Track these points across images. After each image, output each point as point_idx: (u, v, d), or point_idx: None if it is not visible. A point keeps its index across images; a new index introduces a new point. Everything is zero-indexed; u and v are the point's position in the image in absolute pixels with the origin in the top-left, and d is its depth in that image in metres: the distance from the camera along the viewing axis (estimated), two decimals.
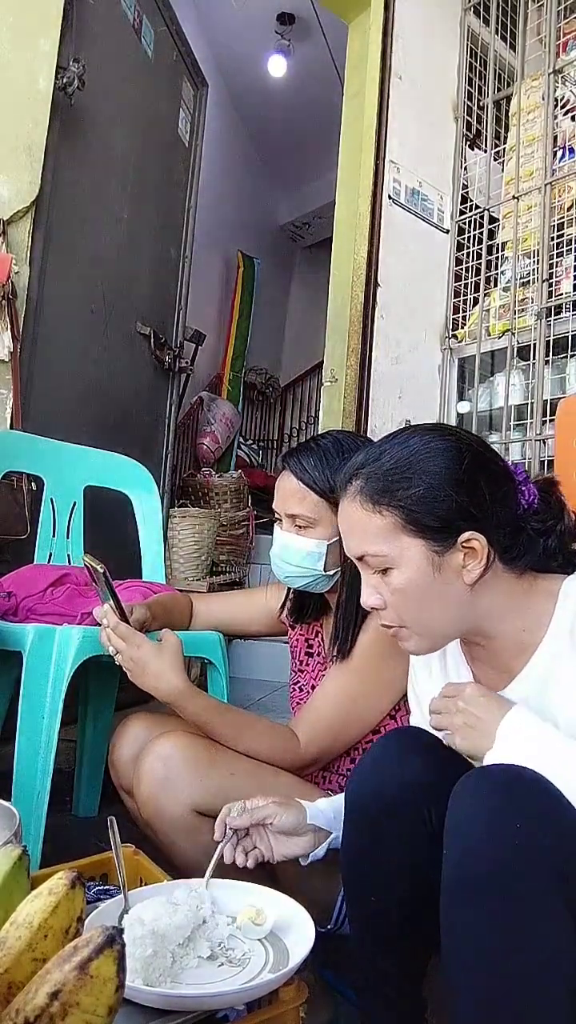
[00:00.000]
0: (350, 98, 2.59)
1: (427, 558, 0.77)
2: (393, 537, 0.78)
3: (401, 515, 0.77)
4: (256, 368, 5.75)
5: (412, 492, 0.77)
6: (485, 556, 0.78)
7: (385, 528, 0.78)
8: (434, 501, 0.77)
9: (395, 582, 0.79)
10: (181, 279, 2.87)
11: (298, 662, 1.28)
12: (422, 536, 0.77)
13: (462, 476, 0.78)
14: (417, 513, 0.77)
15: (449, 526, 0.77)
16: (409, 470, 0.78)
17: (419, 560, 0.77)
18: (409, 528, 0.77)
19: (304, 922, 0.77)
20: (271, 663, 3.02)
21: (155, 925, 0.71)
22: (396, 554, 0.78)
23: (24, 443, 1.63)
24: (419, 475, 0.78)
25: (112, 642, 1.08)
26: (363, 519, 0.80)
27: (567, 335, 2.17)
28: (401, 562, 0.78)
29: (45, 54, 1.78)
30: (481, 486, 0.79)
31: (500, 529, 0.79)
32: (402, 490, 0.78)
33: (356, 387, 2.37)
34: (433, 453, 0.79)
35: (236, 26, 4.46)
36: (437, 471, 0.78)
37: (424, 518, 0.77)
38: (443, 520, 0.77)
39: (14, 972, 0.52)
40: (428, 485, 0.77)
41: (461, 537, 0.77)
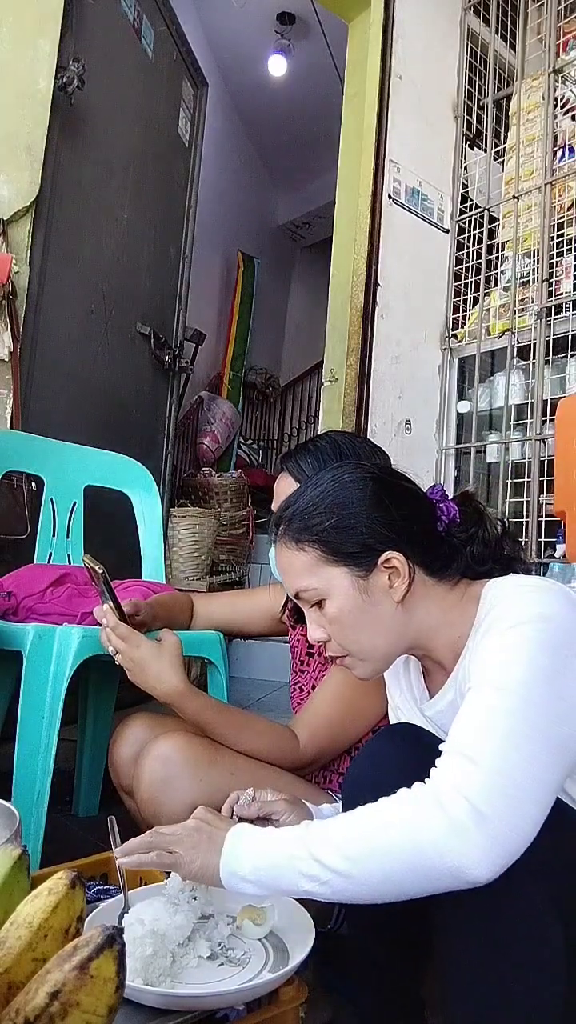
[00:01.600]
0: (350, 98, 2.59)
1: (353, 584, 0.81)
2: (318, 570, 0.82)
3: (321, 548, 0.82)
4: (256, 368, 5.74)
5: (327, 524, 0.82)
6: (407, 572, 0.81)
7: (309, 563, 0.82)
8: (348, 529, 0.81)
9: (329, 612, 0.82)
10: (181, 279, 2.87)
11: (299, 662, 1.28)
12: (344, 564, 0.81)
13: (369, 501, 0.82)
14: (335, 543, 0.81)
15: (367, 549, 0.81)
16: (322, 504, 0.83)
17: (346, 587, 0.81)
18: (331, 558, 0.81)
19: (304, 922, 0.77)
20: (271, 663, 3.02)
21: (155, 925, 0.71)
22: (324, 586, 0.82)
23: (24, 443, 1.63)
24: (330, 508, 0.82)
25: (112, 642, 1.08)
26: (290, 558, 0.84)
27: (567, 335, 2.17)
28: (330, 592, 0.81)
29: (45, 54, 1.78)
30: (390, 507, 0.82)
31: (417, 544, 0.83)
32: (317, 524, 0.82)
33: (356, 387, 2.37)
34: (340, 485, 0.84)
35: (236, 26, 4.46)
36: (346, 501, 0.82)
37: (342, 546, 0.81)
38: (360, 544, 0.81)
39: (14, 972, 0.52)
40: (340, 515, 0.82)
41: (380, 558, 0.81)
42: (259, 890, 0.70)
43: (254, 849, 0.71)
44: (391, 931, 0.83)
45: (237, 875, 0.70)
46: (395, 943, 0.83)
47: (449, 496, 0.89)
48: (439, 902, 0.68)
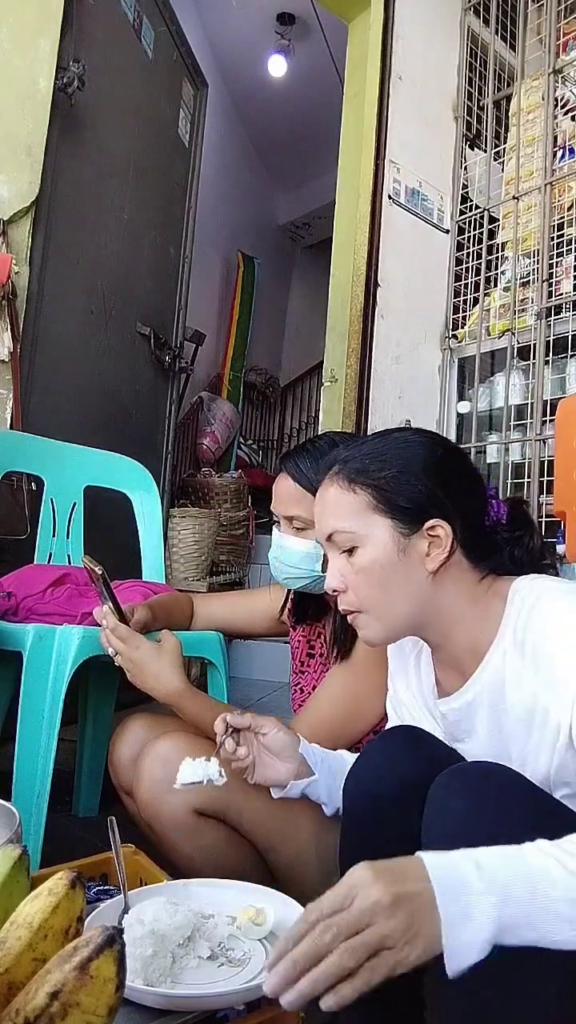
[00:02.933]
0: (350, 98, 2.60)
1: (393, 539, 0.79)
2: (364, 515, 0.80)
3: (374, 494, 0.80)
4: (256, 368, 5.74)
5: (387, 473, 0.80)
6: (448, 546, 0.79)
7: (357, 505, 0.81)
8: (406, 484, 0.80)
9: (360, 561, 0.80)
10: (181, 279, 2.87)
11: (299, 663, 1.28)
12: (391, 516, 0.80)
13: (435, 466, 0.81)
14: (389, 493, 0.80)
15: (418, 510, 0.79)
16: (386, 455, 0.82)
17: (385, 540, 0.80)
18: (380, 507, 0.80)
19: None
20: (271, 663, 3.02)
21: (155, 925, 0.71)
22: (364, 532, 0.80)
23: (24, 443, 1.63)
24: (395, 459, 0.81)
25: (111, 643, 1.08)
26: (337, 497, 0.83)
27: (567, 335, 2.17)
28: (368, 541, 0.80)
29: (45, 54, 1.78)
30: (453, 479, 0.82)
31: (467, 525, 0.82)
32: (377, 471, 0.81)
33: (356, 387, 2.37)
34: (410, 443, 0.83)
35: (236, 26, 4.46)
36: (412, 457, 0.81)
37: (396, 498, 0.80)
38: (413, 503, 0.80)
39: (14, 972, 0.52)
40: (402, 469, 0.81)
41: (427, 524, 0.79)
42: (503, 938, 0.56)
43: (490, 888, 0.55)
44: None
45: (478, 938, 0.55)
46: None
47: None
48: None
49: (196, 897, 0.82)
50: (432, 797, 0.71)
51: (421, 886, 0.56)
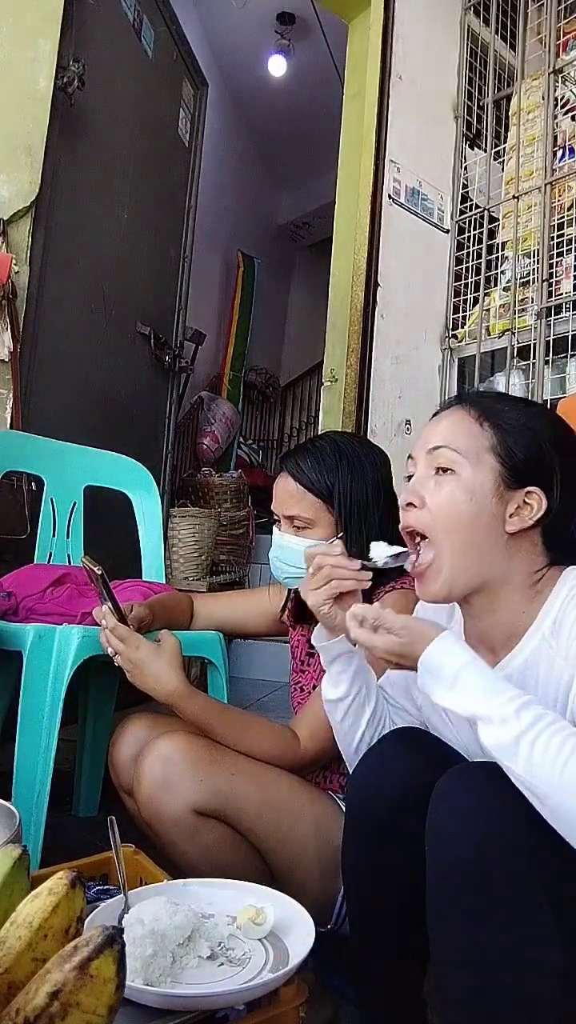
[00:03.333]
0: (350, 98, 2.59)
1: (495, 482, 0.80)
2: (478, 447, 0.81)
3: (497, 436, 0.81)
4: (256, 368, 5.74)
5: (516, 424, 0.82)
6: (536, 517, 0.80)
7: (477, 436, 0.81)
8: (531, 442, 0.81)
9: (451, 485, 0.80)
10: (181, 279, 2.87)
11: (299, 662, 1.28)
12: (502, 463, 0.80)
13: (561, 443, 0.82)
14: (512, 441, 0.80)
15: (529, 471, 0.80)
16: (523, 415, 0.83)
17: (487, 480, 0.80)
18: (497, 450, 0.80)
19: (304, 922, 0.77)
20: (271, 663, 3.02)
21: (155, 925, 0.71)
22: (471, 462, 0.80)
23: (24, 443, 1.63)
24: (527, 418, 0.83)
25: (111, 643, 1.08)
26: (462, 420, 0.83)
27: (567, 335, 2.17)
28: (470, 472, 0.80)
29: (45, 54, 1.78)
30: (569, 462, 0.82)
31: (561, 508, 0.81)
32: (508, 419, 0.82)
33: (356, 387, 2.37)
34: (544, 415, 0.86)
35: (236, 26, 4.46)
36: (543, 426, 0.83)
37: (515, 448, 0.80)
38: (527, 461, 0.80)
39: (14, 972, 0.52)
40: (530, 427, 0.82)
41: (528, 488, 0.80)
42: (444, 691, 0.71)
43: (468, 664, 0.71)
44: (391, 931, 0.83)
45: (442, 669, 0.71)
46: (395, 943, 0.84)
47: None
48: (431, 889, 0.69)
49: (196, 897, 0.82)
50: (436, 797, 0.72)
51: None
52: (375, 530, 1.14)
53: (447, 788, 0.71)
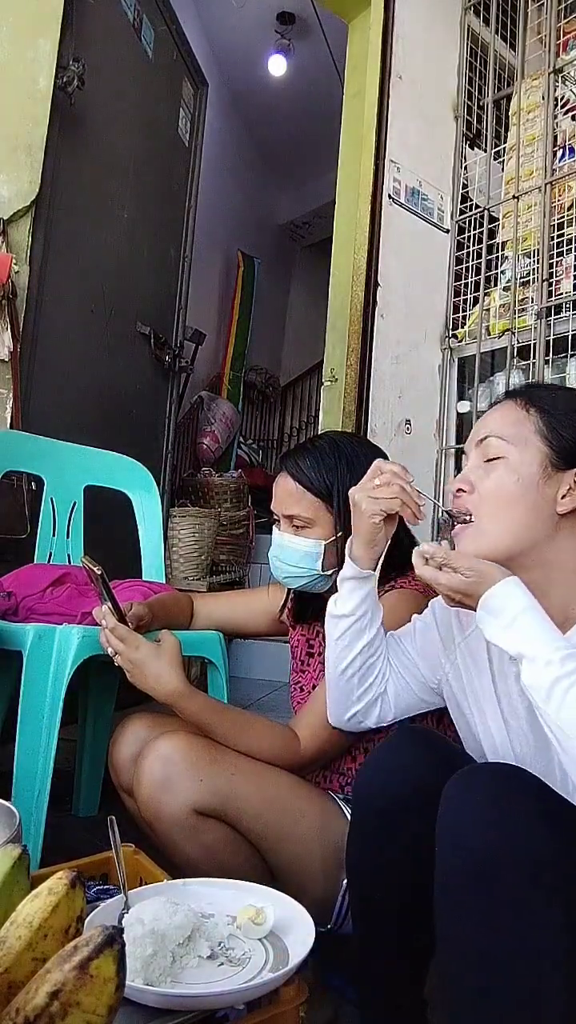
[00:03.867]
0: (350, 98, 2.59)
1: (541, 465, 0.81)
2: (525, 433, 0.83)
3: (544, 420, 0.83)
4: (256, 368, 5.74)
5: (562, 408, 0.83)
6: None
7: (524, 423, 0.83)
8: (574, 423, 0.82)
9: (499, 471, 0.82)
10: (181, 279, 2.87)
11: (299, 662, 1.28)
12: (549, 446, 0.82)
13: None
14: (558, 424, 0.82)
15: (574, 452, 0.81)
16: (564, 396, 0.86)
17: (532, 463, 0.81)
18: (544, 433, 0.82)
19: (304, 922, 0.77)
20: (271, 663, 3.02)
21: (155, 925, 0.71)
22: (517, 446, 0.82)
23: (24, 443, 1.63)
24: (571, 402, 0.84)
25: (111, 643, 1.08)
26: (509, 410, 0.85)
27: (567, 335, 2.17)
28: (519, 456, 0.82)
29: (45, 54, 1.78)
30: None
31: None
32: (554, 404, 0.84)
33: (356, 387, 2.37)
34: None
35: (236, 26, 4.46)
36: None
37: (562, 430, 0.82)
38: (573, 442, 0.82)
39: (14, 972, 0.52)
40: (573, 409, 0.83)
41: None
42: (500, 629, 0.73)
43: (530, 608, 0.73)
44: (393, 929, 0.83)
45: (503, 610, 0.73)
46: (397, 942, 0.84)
47: None
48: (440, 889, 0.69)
49: (196, 897, 0.82)
50: (446, 799, 0.71)
51: None
52: None
53: (457, 790, 0.71)
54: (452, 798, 0.71)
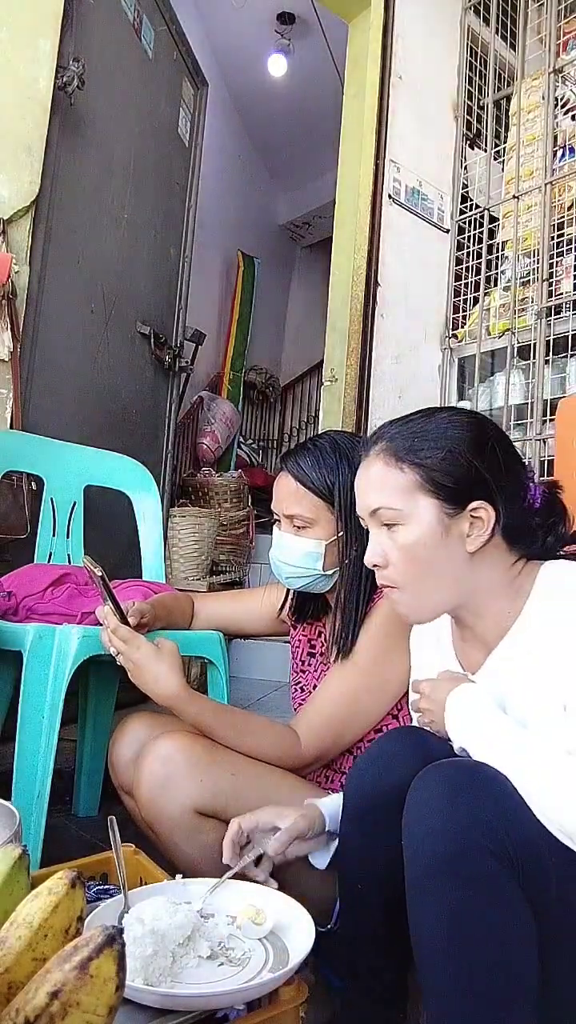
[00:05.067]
0: (350, 98, 2.59)
1: (438, 519, 0.81)
2: (410, 494, 0.82)
3: (421, 474, 0.82)
4: (256, 368, 5.74)
5: (435, 453, 0.82)
6: (490, 527, 0.81)
7: (405, 485, 0.82)
8: (454, 465, 0.81)
9: (402, 539, 0.82)
10: (181, 279, 2.87)
11: (300, 662, 1.28)
12: (437, 497, 0.81)
13: (482, 448, 0.82)
14: (437, 473, 0.81)
15: (464, 491, 0.81)
16: (434, 434, 0.83)
17: (430, 520, 0.81)
18: (427, 487, 0.81)
19: (304, 922, 0.77)
20: (271, 663, 3.02)
21: (155, 925, 0.71)
22: (409, 511, 0.82)
23: (24, 443, 1.63)
24: (443, 439, 0.82)
25: (113, 644, 1.08)
26: (383, 473, 0.84)
27: (567, 335, 2.17)
28: (413, 519, 0.82)
29: (45, 54, 1.78)
30: (498, 462, 0.83)
31: (509, 508, 0.83)
32: (425, 451, 0.82)
33: (356, 387, 2.37)
34: (458, 424, 0.84)
35: (236, 26, 4.46)
36: (460, 438, 0.82)
37: (443, 479, 0.81)
38: (460, 484, 0.81)
39: (14, 972, 0.52)
40: (450, 450, 0.82)
41: (471, 505, 0.81)
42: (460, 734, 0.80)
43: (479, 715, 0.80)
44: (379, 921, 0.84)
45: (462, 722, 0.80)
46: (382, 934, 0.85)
47: None
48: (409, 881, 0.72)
49: (196, 897, 0.82)
50: (412, 791, 0.74)
51: None
52: None
53: (423, 783, 0.74)
54: (417, 791, 0.73)
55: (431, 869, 0.69)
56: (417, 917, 0.71)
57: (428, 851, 0.70)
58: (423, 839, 0.70)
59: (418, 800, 0.73)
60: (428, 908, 0.70)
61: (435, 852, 0.69)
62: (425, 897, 0.70)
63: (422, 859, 0.70)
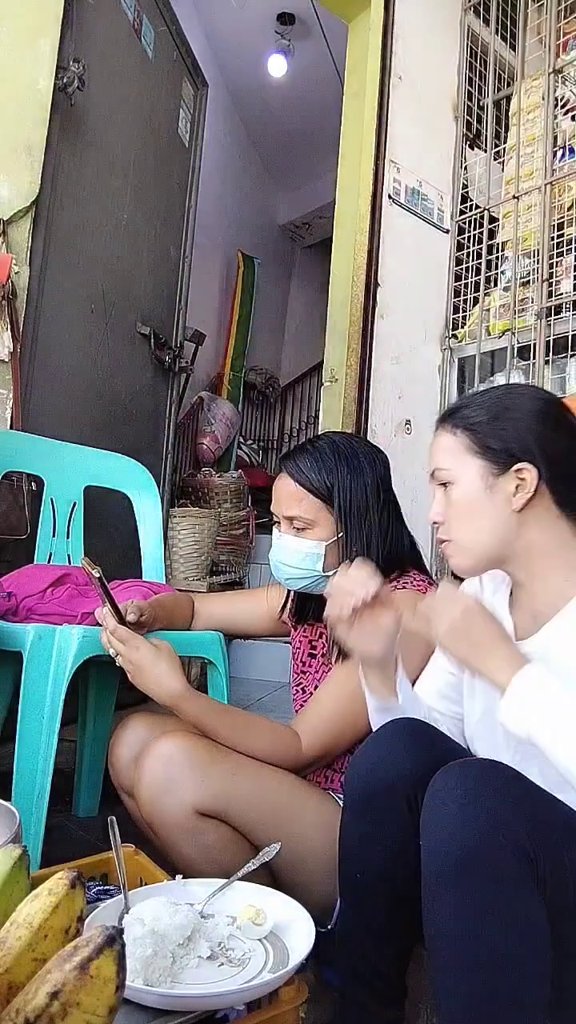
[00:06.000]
0: (350, 98, 2.59)
1: (482, 477, 0.88)
2: (458, 455, 0.90)
3: (471, 436, 0.89)
4: (256, 368, 5.74)
5: (483, 418, 0.89)
6: (533, 488, 0.86)
7: (454, 446, 0.90)
8: (499, 429, 0.88)
9: (452, 496, 0.90)
10: (181, 279, 2.87)
11: (300, 663, 1.28)
12: (483, 457, 0.88)
13: (531, 414, 0.89)
14: (483, 436, 0.88)
15: (507, 452, 0.87)
16: (487, 403, 0.91)
17: (474, 478, 0.88)
18: (474, 449, 0.89)
19: (304, 922, 0.77)
20: (271, 663, 3.02)
21: (155, 925, 0.71)
22: (457, 470, 0.89)
23: (24, 443, 1.63)
24: (493, 407, 0.90)
25: (112, 644, 1.08)
26: (442, 439, 0.93)
27: (567, 335, 2.17)
28: (459, 478, 0.89)
29: (45, 54, 1.78)
30: (547, 427, 0.88)
31: (557, 471, 0.87)
32: (474, 416, 0.90)
33: (356, 387, 2.37)
34: (511, 393, 0.93)
35: (236, 26, 4.46)
36: (509, 406, 0.90)
37: (488, 441, 0.88)
38: (502, 446, 0.87)
39: (14, 972, 0.52)
40: (496, 415, 0.89)
41: (515, 466, 0.86)
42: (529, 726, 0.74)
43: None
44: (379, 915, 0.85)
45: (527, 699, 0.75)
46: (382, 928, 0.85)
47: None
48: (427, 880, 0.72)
49: (196, 897, 0.82)
50: (432, 792, 0.74)
51: None
52: (375, 530, 1.15)
53: (443, 783, 0.74)
54: (437, 792, 0.74)
55: (449, 866, 0.69)
56: (433, 913, 0.71)
57: (446, 849, 0.70)
58: (442, 837, 0.71)
59: (438, 798, 0.73)
60: (445, 903, 0.70)
61: (454, 850, 0.69)
62: (442, 892, 0.70)
63: (440, 856, 0.70)
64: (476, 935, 0.67)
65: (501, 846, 0.67)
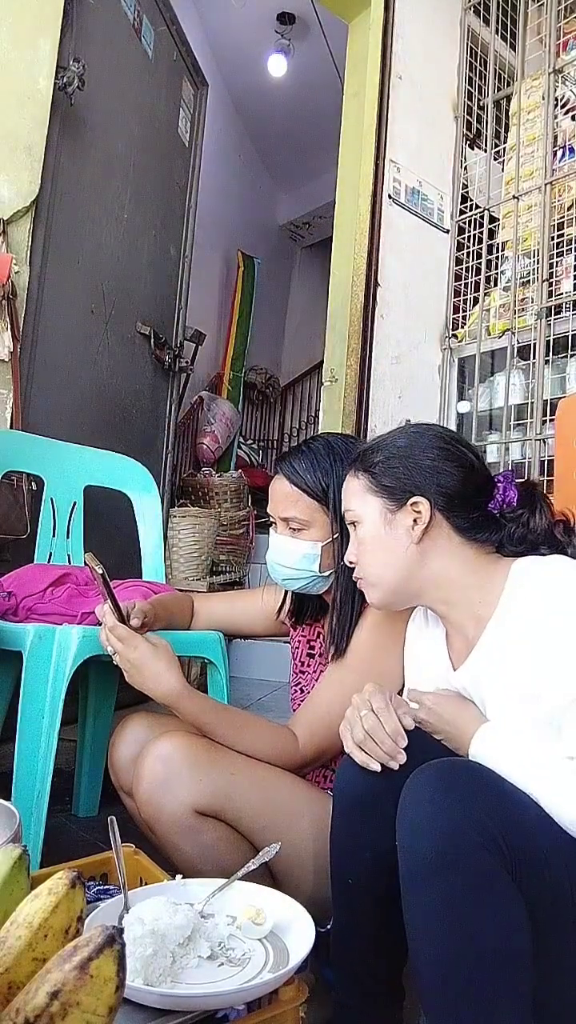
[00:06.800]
0: (350, 98, 2.60)
1: (381, 514, 0.93)
2: (361, 495, 0.95)
3: (368, 478, 0.95)
4: (256, 368, 5.74)
5: (378, 459, 0.95)
6: (427, 519, 0.90)
7: (358, 488, 0.96)
8: (392, 467, 0.93)
9: (359, 534, 0.96)
10: (181, 279, 2.87)
11: (299, 663, 1.28)
12: (380, 495, 0.93)
13: (422, 451, 0.93)
14: (378, 475, 0.94)
15: (401, 488, 0.92)
16: (383, 444, 0.97)
17: (375, 516, 0.93)
18: (372, 488, 0.94)
19: (304, 922, 0.77)
20: (271, 663, 3.02)
21: (155, 925, 0.71)
22: (360, 510, 0.95)
23: (24, 443, 1.63)
24: (387, 447, 0.96)
25: (110, 642, 1.08)
26: (349, 482, 0.99)
27: (567, 335, 2.17)
28: (363, 517, 0.95)
29: (45, 54, 1.78)
30: (437, 462, 0.92)
31: (451, 502, 0.91)
32: (372, 458, 0.96)
33: (356, 387, 2.37)
34: (405, 433, 0.98)
35: (236, 26, 4.46)
36: (401, 444, 0.95)
37: (382, 479, 0.93)
38: (396, 482, 0.92)
39: (14, 972, 0.52)
40: (390, 455, 0.94)
41: (410, 500, 0.91)
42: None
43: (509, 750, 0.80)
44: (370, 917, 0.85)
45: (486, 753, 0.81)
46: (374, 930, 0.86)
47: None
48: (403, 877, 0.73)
49: (196, 897, 0.82)
50: (405, 790, 0.76)
51: None
52: None
53: (416, 782, 0.75)
54: (408, 793, 0.75)
55: (424, 862, 0.70)
56: (411, 909, 0.72)
57: (421, 845, 0.71)
58: (416, 834, 0.72)
59: (411, 796, 0.75)
60: (421, 899, 0.71)
61: (427, 846, 0.70)
62: (418, 889, 0.71)
63: (415, 853, 0.72)
64: (454, 930, 0.68)
65: (473, 841, 0.69)
